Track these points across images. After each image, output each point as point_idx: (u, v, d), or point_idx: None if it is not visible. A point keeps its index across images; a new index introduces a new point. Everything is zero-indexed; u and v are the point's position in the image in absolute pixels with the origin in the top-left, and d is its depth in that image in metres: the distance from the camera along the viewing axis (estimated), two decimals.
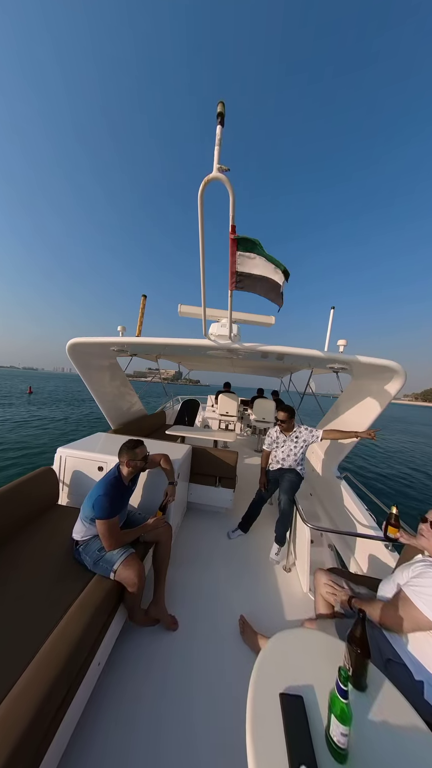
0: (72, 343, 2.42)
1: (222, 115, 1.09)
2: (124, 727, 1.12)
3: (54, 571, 1.41)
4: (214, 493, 2.71)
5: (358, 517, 2.25)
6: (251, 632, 1.50)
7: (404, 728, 0.73)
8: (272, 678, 0.81)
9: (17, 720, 0.78)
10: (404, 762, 0.66)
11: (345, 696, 0.65)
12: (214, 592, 1.83)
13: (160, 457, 1.93)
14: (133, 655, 1.39)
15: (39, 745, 0.83)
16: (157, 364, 4.72)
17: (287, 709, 0.72)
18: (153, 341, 2.33)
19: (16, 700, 0.82)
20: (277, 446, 2.42)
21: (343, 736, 0.63)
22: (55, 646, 0.99)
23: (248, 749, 0.66)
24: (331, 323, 2.76)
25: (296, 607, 1.78)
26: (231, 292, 1.64)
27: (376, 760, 0.66)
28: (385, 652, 0.98)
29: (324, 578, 1.40)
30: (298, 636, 0.98)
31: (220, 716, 1.17)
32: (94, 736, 1.08)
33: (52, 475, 2.00)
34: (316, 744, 0.66)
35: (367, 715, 0.75)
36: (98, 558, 1.41)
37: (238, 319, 3.70)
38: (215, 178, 1.14)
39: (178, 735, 1.11)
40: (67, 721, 0.97)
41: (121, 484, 1.55)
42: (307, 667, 0.86)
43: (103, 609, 1.22)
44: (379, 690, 0.82)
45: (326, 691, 0.77)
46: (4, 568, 1.38)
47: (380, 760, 0.67)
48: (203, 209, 1.24)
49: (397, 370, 1.88)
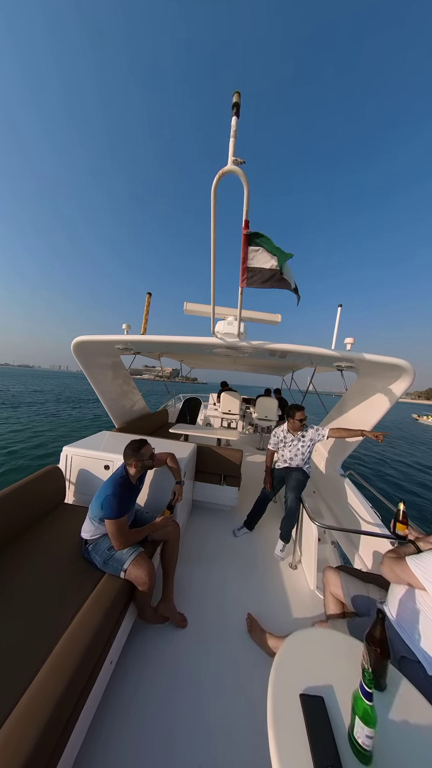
0: (78, 342, 2.39)
1: (238, 105, 1.06)
2: (136, 725, 1.12)
3: (64, 570, 1.40)
4: (219, 491, 2.71)
5: (362, 514, 2.25)
6: (259, 630, 1.50)
7: (425, 728, 0.73)
8: (291, 678, 0.81)
9: (35, 720, 0.78)
10: (428, 761, 0.66)
11: (369, 698, 0.65)
12: (222, 590, 1.84)
13: (166, 456, 1.92)
14: (143, 653, 1.39)
15: (57, 742, 0.83)
16: (159, 363, 4.69)
17: (309, 710, 0.72)
18: (159, 339, 2.30)
19: (33, 701, 0.82)
20: (285, 445, 2.42)
21: (368, 738, 0.63)
22: (70, 645, 0.99)
23: (272, 751, 0.65)
24: (339, 321, 2.74)
25: (303, 604, 1.79)
26: (241, 289, 1.61)
27: (399, 760, 0.66)
28: (400, 649, 0.99)
29: (334, 578, 1.40)
30: (314, 636, 0.98)
31: (231, 713, 1.18)
32: (107, 733, 1.08)
33: (58, 474, 1.98)
34: (340, 745, 0.66)
35: (388, 715, 0.75)
36: (108, 557, 1.41)
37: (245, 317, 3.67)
38: (230, 171, 1.11)
39: (190, 731, 1.11)
40: (83, 719, 0.97)
41: (129, 484, 1.54)
42: (325, 667, 0.86)
43: (114, 608, 1.22)
44: (397, 689, 0.82)
45: (346, 692, 0.77)
46: (14, 566, 1.37)
47: (403, 760, 0.66)
48: (216, 203, 1.21)
49: (406, 368, 1.87)
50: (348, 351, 2.02)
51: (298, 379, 5.99)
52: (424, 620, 0.95)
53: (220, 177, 1.12)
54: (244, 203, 1.21)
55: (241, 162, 1.10)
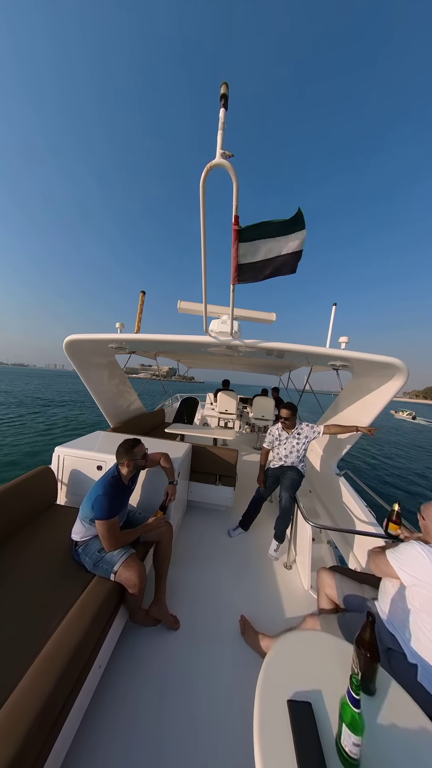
0: (69, 340, 2.36)
1: (225, 97, 1.03)
2: (125, 729, 1.10)
3: (53, 572, 1.38)
4: (215, 491, 2.69)
5: (358, 514, 2.24)
6: (252, 632, 1.49)
7: (413, 732, 0.72)
8: (279, 684, 0.79)
9: (19, 723, 0.76)
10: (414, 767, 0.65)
11: (357, 705, 0.63)
12: (215, 591, 1.82)
13: (159, 456, 1.89)
14: (134, 656, 1.37)
15: (41, 748, 0.81)
16: (156, 362, 4.66)
17: (295, 716, 0.70)
18: (152, 338, 2.28)
19: (18, 704, 0.80)
20: (279, 444, 2.40)
21: (355, 746, 0.61)
22: (56, 649, 0.97)
23: (256, 758, 0.63)
24: (333, 320, 2.73)
25: (297, 604, 1.78)
26: (233, 287, 1.59)
27: (386, 766, 0.65)
28: (386, 641, 1.01)
29: (329, 579, 1.38)
30: (303, 638, 0.97)
31: (221, 716, 1.16)
32: (95, 738, 1.06)
33: (50, 475, 1.96)
34: (327, 753, 0.64)
35: (376, 720, 0.73)
36: (98, 559, 1.39)
37: (238, 315, 3.65)
38: (218, 165, 1.09)
39: (180, 736, 1.10)
40: (69, 724, 0.95)
41: (121, 484, 1.52)
42: (313, 671, 0.84)
43: (103, 611, 1.20)
44: (386, 694, 0.80)
45: (334, 696, 0.75)
46: (2, 569, 1.35)
47: (390, 766, 0.65)
48: (205, 198, 1.18)
49: (400, 367, 1.86)
50: (342, 350, 2.00)
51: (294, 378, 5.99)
52: (408, 612, 0.99)
53: (208, 171, 1.10)
54: (233, 198, 1.19)
55: (230, 155, 1.07)
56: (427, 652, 0.91)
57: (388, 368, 1.94)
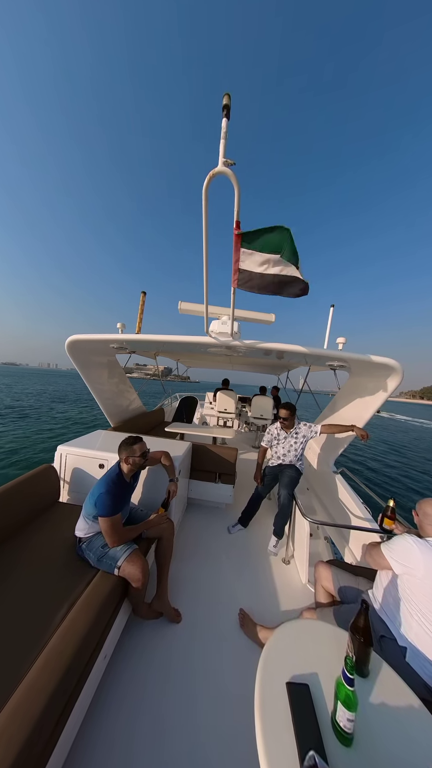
0: (72, 340, 2.39)
1: (228, 107, 1.07)
2: (129, 718, 1.14)
3: (58, 568, 1.41)
4: (214, 489, 2.73)
5: (354, 509, 2.30)
6: (251, 624, 1.54)
7: (402, 709, 0.77)
8: (278, 668, 0.84)
9: (29, 712, 0.80)
10: (403, 741, 0.70)
11: (351, 684, 0.68)
12: (216, 585, 1.87)
13: (160, 454, 1.93)
14: (137, 648, 1.41)
15: (50, 736, 0.85)
16: (156, 361, 4.69)
17: (294, 697, 0.74)
18: (153, 338, 2.31)
19: (28, 694, 0.84)
20: (278, 443, 2.45)
21: (349, 722, 0.66)
22: (63, 641, 1.00)
23: (258, 737, 0.68)
24: (331, 321, 2.78)
25: (295, 598, 1.83)
26: (233, 290, 1.63)
27: (378, 741, 0.70)
28: (379, 629, 1.07)
29: (325, 572, 1.44)
30: (301, 627, 1.01)
31: (222, 706, 1.21)
32: (100, 726, 1.10)
33: (52, 473, 1.99)
34: (323, 729, 0.69)
35: (368, 699, 0.79)
36: (102, 554, 1.42)
37: (238, 316, 3.69)
38: (220, 173, 1.12)
39: (182, 724, 1.14)
40: (76, 712, 0.99)
41: (123, 482, 1.56)
42: (311, 657, 0.89)
43: (108, 604, 1.24)
44: (378, 675, 0.86)
45: (330, 679, 0.80)
46: (8, 565, 1.38)
47: (381, 740, 0.70)
48: (208, 205, 1.22)
49: (395, 367, 1.91)
50: (340, 350, 2.05)
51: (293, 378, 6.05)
52: (399, 599, 1.04)
53: (211, 178, 1.13)
54: (235, 204, 1.22)
55: (232, 163, 1.11)
56: (415, 636, 0.97)
57: (384, 368, 2.00)
